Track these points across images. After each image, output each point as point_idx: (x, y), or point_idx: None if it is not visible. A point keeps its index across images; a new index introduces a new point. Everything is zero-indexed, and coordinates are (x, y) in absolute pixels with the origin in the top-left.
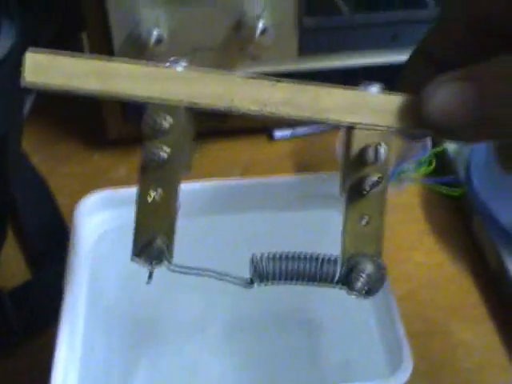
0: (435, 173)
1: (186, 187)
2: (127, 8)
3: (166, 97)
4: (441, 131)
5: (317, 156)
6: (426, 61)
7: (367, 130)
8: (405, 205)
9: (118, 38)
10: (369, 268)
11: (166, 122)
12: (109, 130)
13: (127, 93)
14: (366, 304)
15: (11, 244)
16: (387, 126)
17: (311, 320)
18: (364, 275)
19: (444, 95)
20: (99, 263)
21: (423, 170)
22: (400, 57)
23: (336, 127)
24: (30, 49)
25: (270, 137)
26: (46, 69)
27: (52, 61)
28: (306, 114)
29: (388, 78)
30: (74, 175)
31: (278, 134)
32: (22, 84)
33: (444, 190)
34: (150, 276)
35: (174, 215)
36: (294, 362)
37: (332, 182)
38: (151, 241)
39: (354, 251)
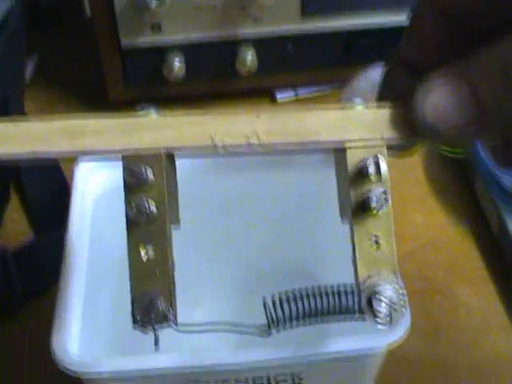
0: None
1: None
2: None
3: (142, 147)
4: (438, 136)
5: None
6: (407, 71)
7: (359, 147)
8: (407, 166)
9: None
10: (388, 291)
11: (147, 172)
12: (110, 92)
13: (99, 149)
14: None
15: (15, 205)
16: (380, 139)
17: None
18: (385, 299)
19: (436, 98)
20: (100, 223)
21: None
22: (403, 18)
23: (340, 87)
24: None
25: (273, 98)
26: (7, 137)
27: (12, 128)
28: (294, 139)
29: (391, 39)
30: None
31: (281, 95)
32: None
33: (447, 151)
34: (156, 342)
35: (172, 272)
36: None
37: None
38: (151, 305)
39: (369, 276)
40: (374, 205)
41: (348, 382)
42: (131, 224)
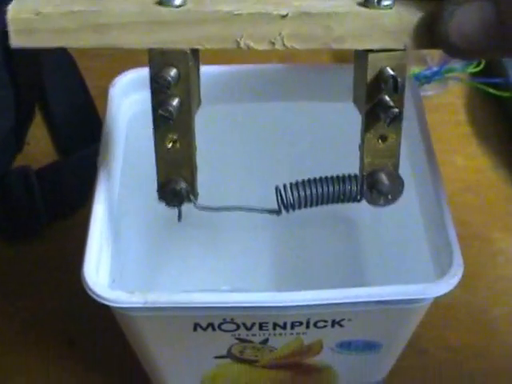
0: (484, 73)
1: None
2: None
3: (168, 45)
4: (459, 52)
5: None
6: None
7: (383, 52)
8: (448, 105)
9: None
10: (387, 181)
11: (172, 71)
12: None
13: (126, 44)
14: (414, 202)
15: (39, 124)
16: (404, 47)
17: (349, 218)
18: (384, 189)
19: (462, 17)
20: (133, 143)
21: (471, 68)
22: None
23: None
24: (12, 7)
25: None
26: (33, 30)
27: (37, 20)
28: (318, 45)
29: None
30: (103, 56)
31: None
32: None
33: (492, 91)
34: (180, 216)
35: (194, 158)
36: (330, 262)
37: None
38: (174, 186)
39: (373, 167)
40: (387, 121)
41: (390, 330)
42: (158, 119)
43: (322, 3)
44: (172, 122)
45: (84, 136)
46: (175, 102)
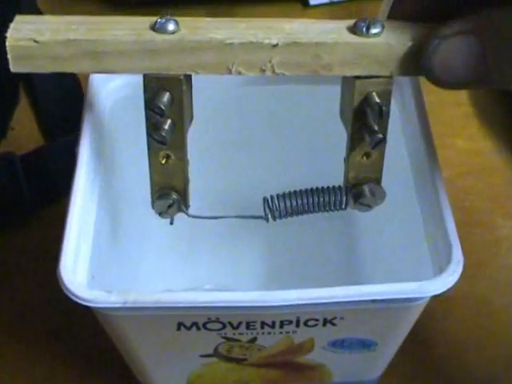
0: None
1: None
2: None
3: (162, 71)
4: (443, 84)
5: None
6: None
7: (370, 78)
8: None
9: None
10: (370, 194)
11: (166, 96)
12: None
13: (122, 70)
14: (412, 195)
15: (25, 108)
16: (390, 74)
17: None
18: (366, 202)
19: (445, 52)
20: (116, 131)
21: None
22: None
23: None
24: (11, 34)
25: (305, 2)
26: (31, 56)
27: (35, 48)
28: (307, 71)
29: None
30: None
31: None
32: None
33: None
34: (171, 222)
35: (187, 172)
36: (324, 259)
37: None
38: (167, 199)
39: (356, 180)
40: (372, 145)
41: (385, 328)
42: (151, 142)
43: (312, 27)
44: (165, 140)
45: (71, 120)
46: (168, 124)
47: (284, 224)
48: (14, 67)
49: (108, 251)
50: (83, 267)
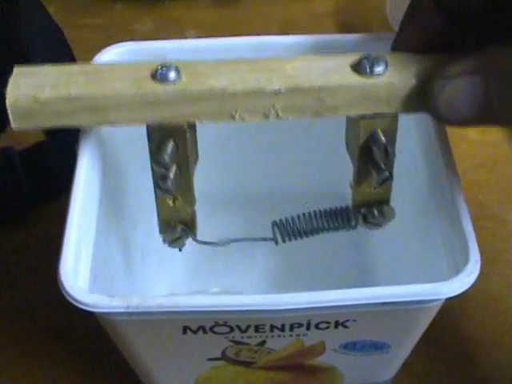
0: None
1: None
2: None
3: (164, 121)
4: (448, 122)
5: (364, 15)
6: (434, 3)
7: (374, 117)
8: None
9: None
10: (379, 214)
11: (170, 144)
12: None
13: (124, 122)
14: (426, 191)
15: None
16: (395, 111)
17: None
18: (375, 222)
19: (451, 92)
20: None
21: None
22: None
23: None
24: (10, 90)
25: None
26: (32, 114)
27: (35, 106)
28: (311, 114)
29: None
30: (93, 27)
31: None
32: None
33: None
34: (180, 249)
35: (194, 207)
36: (334, 259)
37: (384, 44)
38: (174, 229)
39: (364, 205)
40: (378, 182)
41: (399, 330)
42: (157, 183)
43: (314, 65)
44: (171, 185)
45: None
46: (173, 172)
47: None
48: (14, 124)
49: (110, 252)
50: (85, 268)
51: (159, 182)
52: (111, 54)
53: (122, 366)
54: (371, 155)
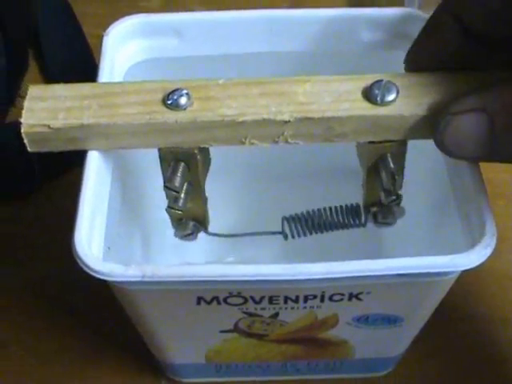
0: None
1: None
2: None
3: (176, 146)
4: (454, 156)
5: None
6: (453, 19)
7: (382, 143)
8: None
9: None
10: (389, 214)
11: (181, 166)
12: None
13: (136, 147)
14: (442, 165)
15: (34, 76)
16: (404, 138)
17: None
18: (386, 221)
19: (456, 128)
20: None
21: None
22: None
23: None
24: (25, 119)
25: None
26: (46, 140)
27: (49, 133)
28: (321, 141)
29: None
30: (101, 1)
31: None
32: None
33: None
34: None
35: (205, 207)
36: (350, 231)
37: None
38: (186, 226)
39: (375, 205)
40: (387, 202)
41: (413, 304)
42: (169, 203)
43: (325, 90)
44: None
45: None
46: (184, 190)
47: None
48: (30, 148)
49: (124, 223)
50: (98, 239)
51: (172, 204)
52: (120, 30)
53: (134, 341)
54: (380, 177)
